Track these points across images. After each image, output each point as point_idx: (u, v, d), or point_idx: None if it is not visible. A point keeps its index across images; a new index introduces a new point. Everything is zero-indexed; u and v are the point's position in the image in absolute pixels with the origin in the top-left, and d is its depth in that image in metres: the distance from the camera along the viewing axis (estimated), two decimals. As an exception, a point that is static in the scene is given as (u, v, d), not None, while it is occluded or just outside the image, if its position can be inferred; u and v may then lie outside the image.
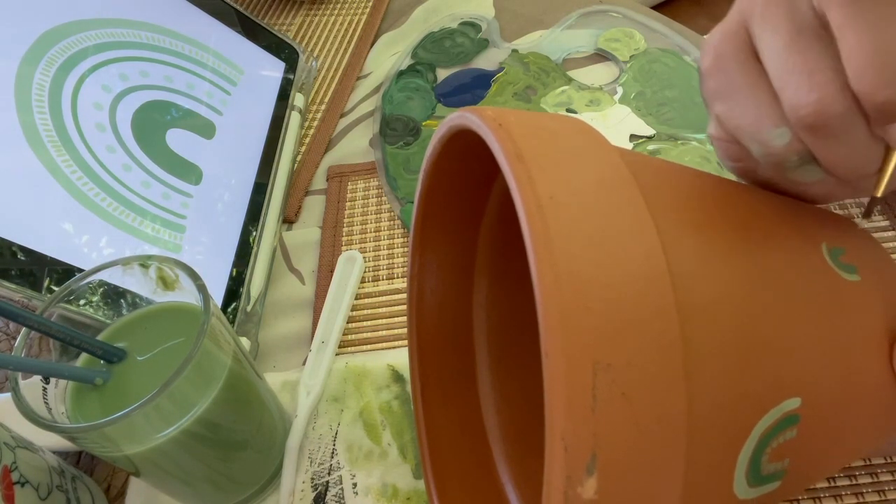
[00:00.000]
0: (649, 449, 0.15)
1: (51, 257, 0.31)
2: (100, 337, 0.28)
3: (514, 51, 0.55)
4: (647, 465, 0.16)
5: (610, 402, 0.15)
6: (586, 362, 0.15)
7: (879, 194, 0.21)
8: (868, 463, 0.30)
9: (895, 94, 0.17)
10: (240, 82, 0.47)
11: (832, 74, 0.18)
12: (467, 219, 0.30)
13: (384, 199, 0.45)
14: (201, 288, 0.26)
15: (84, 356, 0.27)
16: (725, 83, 0.22)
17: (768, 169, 0.23)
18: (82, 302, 0.28)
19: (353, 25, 0.61)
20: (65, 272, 0.31)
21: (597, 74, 0.52)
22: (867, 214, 0.22)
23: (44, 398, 0.25)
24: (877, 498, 0.29)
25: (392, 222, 0.44)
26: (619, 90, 0.49)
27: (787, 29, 0.19)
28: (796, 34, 0.19)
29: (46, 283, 0.30)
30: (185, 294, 0.28)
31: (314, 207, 0.46)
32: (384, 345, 0.37)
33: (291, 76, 0.51)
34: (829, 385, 0.20)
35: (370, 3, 0.63)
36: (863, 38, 0.17)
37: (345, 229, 0.44)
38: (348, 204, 0.45)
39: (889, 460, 0.30)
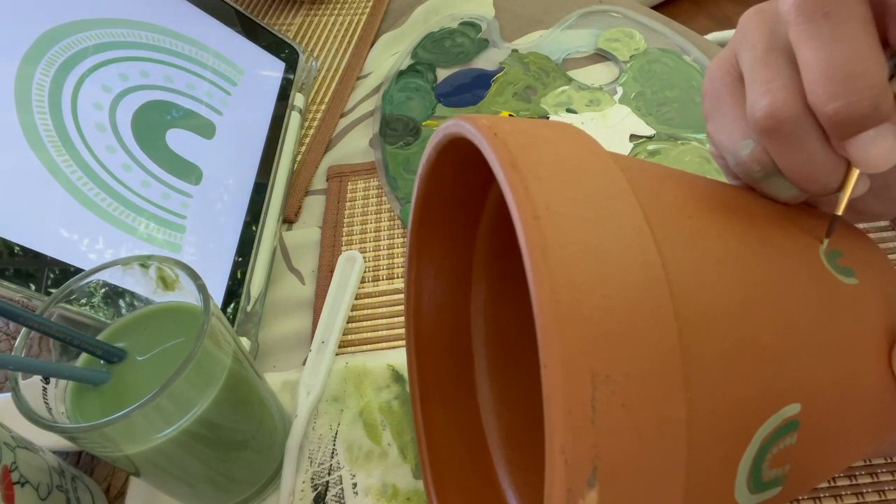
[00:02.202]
0: (650, 459, 0.15)
1: (51, 257, 0.31)
2: (100, 337, 0.28)
3: (514, 51, 0.55)
4: (649, 475, 0.15)
5: (610, 413, 0.15)
6: (585, 373, 0.15)
7: (840, 212, 0.21)
8: (868, 463, 0.30)
9: (843, 106, 0.18)
10: (240, 82, 0.47)
11: (788, 83, 0.20)
12: (464, 224, 0.30)
13: (384, 199, 0.45)
14: (201, 288, 0.26)
15: (84, 356, 0.27)
16: (714, 103, 0.23)
17: (748, 182, 0.24)
18: (82, 302, 0.28)
19: (353, 25, 0.61)
20: (64, 272, 0.31)
21: (597, 74, 0.52)
22: (828, 234, 0.22)
23: (44, 398, 0.25)
24: (877, 498, 0.29)
25: (392, 222, 0.44)
26: (619, 90, 0.49)
27: (762, 47, 0.21)
28: (767, 51, 0.20)
29: (46, 283, 0.30)
30: (185, 294, 0.28)
31: (314, 207, 0.46)
32: (384, 345, 0.37)
33: (291, 76, 0.51)
34: (829, 390, 0.20)
35: (370, 3, 0.63)
36: (817, 54, 0.18)
37: (345, 229, 0.44)
38: (348, 204, 0.45)
39: (889, 460, 0.30)
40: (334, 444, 0.33)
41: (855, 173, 0.20)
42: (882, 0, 0.19)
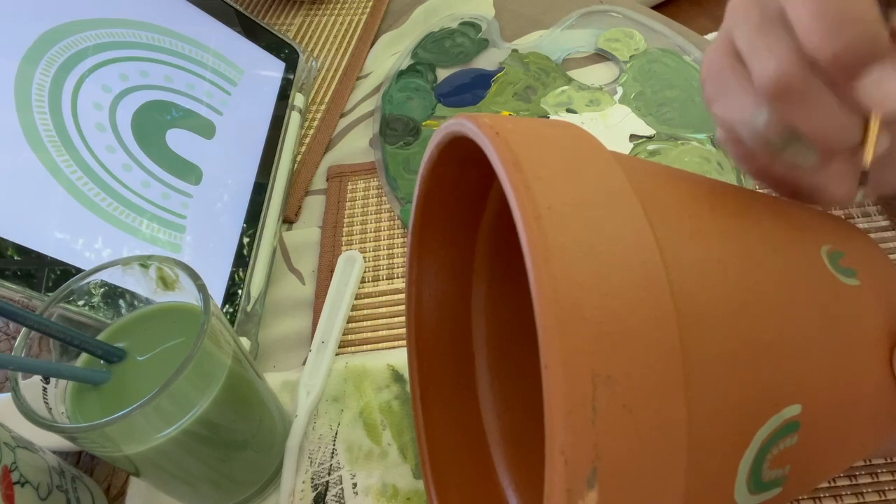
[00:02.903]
0: (650, 459, 0.15)
1: (51, 257, 0.31)
2: (100, 337, 0.28)
3: (514, 51, 0.55)
4: (649, 475, 0.15)
5: (610, 414, 0.15)
6: (585, 373, 0.15)
7: (868, 163, 0.21)
8: (868, 463, 0.30)
9: (843, 44, 0.18)
10: (240, 82, 0.47)
11: (789, 45, 0.20)
12: (465, 223, 0.30)
13: (384, 199, 0.45)
14: (201, 288, 0.26)
15: (84, 356, 0.27)
16: (717, 85, 0.23)
17: (765, 157, 0.24)
18: (82, 302, 0.28)
19: (353, 25, 0.61)
20: (64, 272, 0.31)
21: (597, 74, 0.52)
22: (861, 183, 0.22)
23: (44, 398, 0.25)
24: (877, 498, 0.29)
25: (392, 222, 0.44)
26: (619, 90, 0.49)
27: (755, 20, 0.21)
28: (762, 22, 0.21)
29: (46, 283, 0.30)
30: (185, 294, 0.28)
31: (314, 207, 0.46)
32: (384, 345, 0.37)
33: (291, 76, 0.51)
34: (830, 391, 0.20)
35: (370, 3, 0.63)
36: (807, 5, 0.19)
37: (345, 229, 0.44)
38: (348, 204, 0.45)
39: (889, 460, 0.30)
40: (334, 444, 0.33)
41: (875, 124, 0.20)
42: None
